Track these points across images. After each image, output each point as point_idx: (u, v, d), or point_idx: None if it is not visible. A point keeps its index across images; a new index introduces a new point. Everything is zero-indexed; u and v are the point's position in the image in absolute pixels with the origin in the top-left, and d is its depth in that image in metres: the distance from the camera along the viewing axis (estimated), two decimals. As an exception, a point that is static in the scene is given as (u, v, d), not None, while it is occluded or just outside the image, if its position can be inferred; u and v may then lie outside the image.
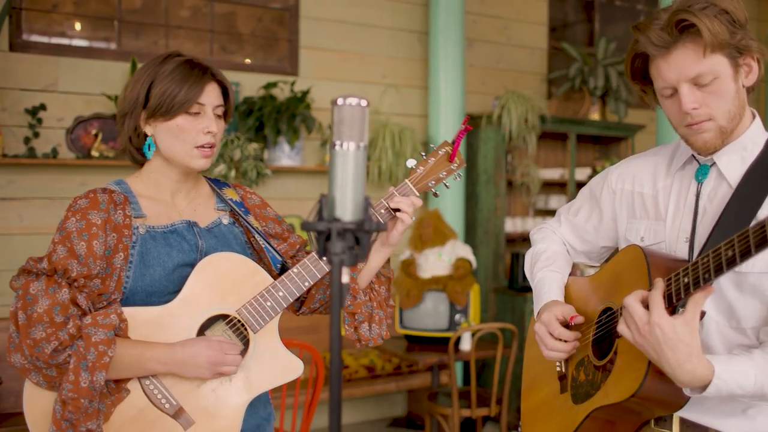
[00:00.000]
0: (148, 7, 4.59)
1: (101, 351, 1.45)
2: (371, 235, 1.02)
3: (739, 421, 1.43)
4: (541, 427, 1.74)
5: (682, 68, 1.38)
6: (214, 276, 1.61)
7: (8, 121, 4.06)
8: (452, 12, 5.05)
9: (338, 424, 0.97)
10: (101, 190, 1.60)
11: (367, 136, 1.05)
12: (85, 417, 1.45)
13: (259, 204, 1.82)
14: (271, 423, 1.78)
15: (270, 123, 4.47)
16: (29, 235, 4.09)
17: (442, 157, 1.71)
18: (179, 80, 1.58)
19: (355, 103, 1.03)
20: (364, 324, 1.72)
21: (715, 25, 1.33)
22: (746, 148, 1.45)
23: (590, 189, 1.79)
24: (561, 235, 1.84)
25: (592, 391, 1.52)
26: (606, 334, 1.55)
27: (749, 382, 1.28)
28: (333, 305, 0.98)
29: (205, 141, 1.61)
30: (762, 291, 1.37)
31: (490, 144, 5.15)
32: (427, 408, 3.94)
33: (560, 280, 1.74)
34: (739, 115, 1.43)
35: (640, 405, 1.40)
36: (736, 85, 1.40)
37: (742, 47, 1.37)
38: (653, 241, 1.55)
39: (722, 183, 1.46)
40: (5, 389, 3.84)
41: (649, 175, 1.62)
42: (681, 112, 1.42)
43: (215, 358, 1.53)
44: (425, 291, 4.17)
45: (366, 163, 1.06)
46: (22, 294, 1.48)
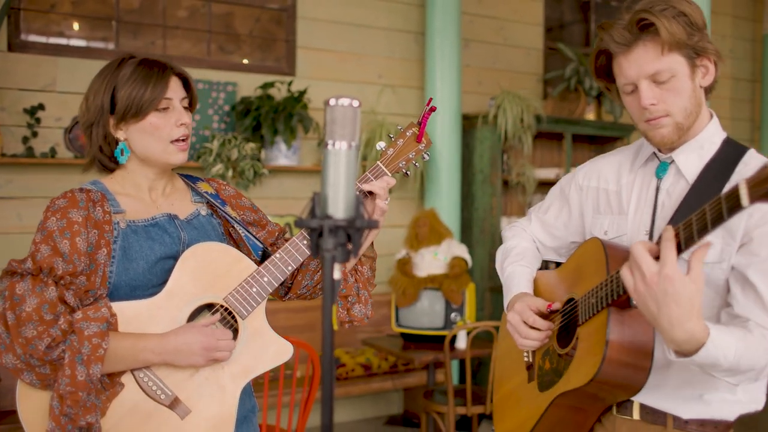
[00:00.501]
0: (146, 8, 4.62)
1: (95, 344, 1.47)
2: (363, 232, 1.05)
3: (696, 406, 1.50)
4: (510, 415, 1.79)
5: (642, 65, 1.46)
6: (199, 266, 1.63)
7: (7, 120, 4.09)
8: (448, 12, 5.08)
9: (330, 416, 1.00)
10: (78, 189, 1.62)
11: (359, 135, 1.08)
12: (84, 411, 1.46)
13: (233, 194, 1.85)
14: (256, 415, 1.81)
15: (267, 123, 4.50)
16: (28, 234, 4.11)
17: (410, 138, 1.75)
18: (142, 80, 1.60)
19: (347, 104, 1.06)
20: (356, 305, 1.76)
21: (673, 26, 1.41)
22: (703, 146, 1.53)
23: (560, 187, 1.85)
24: (531, 232, 1.90)
25: (555, 378, 1.58)
26: (569, 324, 1.60)
27: (730, 354, 1.31)
28: (325, 301, 1.00)
29: (180, 134, 1.64)
30: (715, 281, 1.45)
31: (486, 144, 5.18)
32: (422, 406, 3.97)
33: (529, 273, 1.80)
34: (695, 113, 1.50)
35: (599, 389, 1.46)
36: (692, 84, 1.48)
37: (699, 48, 1.45)
38: (616, 234, 1.63)
39: (680, 179, 1.54)
40: (4, 386, 3.86)
41: (614, 172, 1.70)
42: (640, 108, 1.49)
43: (208, 344, 1.55)
44: (421, 289, 4.19)
45: (358, 162, 1.09)
46: (9, 295, 1.48)
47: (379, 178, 1.69)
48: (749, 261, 1.41)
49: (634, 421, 1.55)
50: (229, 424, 1.61)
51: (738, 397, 1.51)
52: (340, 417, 5.09)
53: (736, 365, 1.33)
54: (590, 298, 1.48)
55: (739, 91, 7.37)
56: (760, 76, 7.22)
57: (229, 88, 4.65)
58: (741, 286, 1.42)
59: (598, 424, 1.63)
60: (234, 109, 4.62)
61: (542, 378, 1.66)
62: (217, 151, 4.36)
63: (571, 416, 1.60)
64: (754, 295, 1.40)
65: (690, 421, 1.51)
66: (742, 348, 1.32)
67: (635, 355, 1.41)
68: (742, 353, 1.32)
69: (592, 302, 1.47)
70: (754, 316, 1.39)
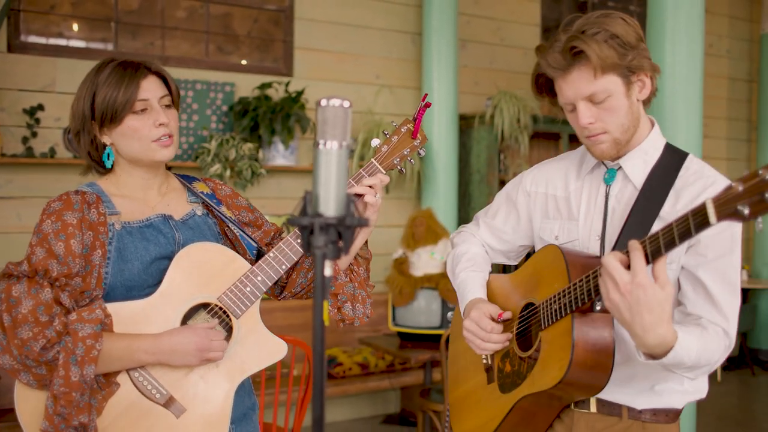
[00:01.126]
0: (145, 9, 4.64)
1: (89, 345, 1.48)
2: (354, 230, 1.08)
3: (648, 397, 1.59)
4: (470, 416, 1.83)
5: (578, 88, 1.53)
6: (193, 266, 1.64)
7: (6, 121, 4.12)
8: (445, 13, 5.12)
9: (321, 410, 1.02)
10: (73, 192, 1.63)
11: (349, 135, 1.10)
12: (77, 411, 1.48)
13: (230, 194, 1.86)
14: (256, 413, 1.83)
15: (265, 123, 4.53)
16: (27, 234, 4.13)
17: (404, 135, 1.75)
18: (115, 83, 1.60)
19: (338, 104, 1.08)
20: (347, 304, 1.76)
21: (604, 50, 1.47)
22: (647, 152, 1.61)
23: (507, 193, 1.90)
24: (480, 237, 1.94)
25: (518, 380, 1.63)
26: (528, 328, 1.66)
27: (693, 353, 1.39)
28: (315, 296, 1.03)
29: (159, 134, 1.64)
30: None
31: (482, 144, 5.21)
32: (419, 404, 4.00)
33: (482, 278, 1.85)
34: (633, 127, 1.58)
35: (564, 391, 1.52)
36: (628, 101, 1.54)
37: (633, 67, 1.51)
38: (567, 239, 1.69)
39: (628, 185, 1.62)
40: (4, 385, 3.89)
41: (561, 178, 1.76)
42: (580, 126, 1.57)
43: (202, 345, 1.56)
44: (418, 289, 4.22)
45: (348, 162, 1.12)
46: (5, 297, 1.49)
47: (373, 175, 1.70)
48: (698, 262, 1.50)
49: (592, 414, 1.63)
50: (224, 423, 1.63)
51: (685, 387, 1.61)
52: (338, 416, 5.11)
53: (697, 362, 1.41)
54: (552, 304, 1.54)
55: (736, 91, 7.40)
56: (757, 76, 7.25)
57: (227, 89, 4.68)
58: (692, 285, 1.52)
59: (557, 420, 1.69)
60: (232, 110, 4.65)
61: (503, 380, 1.70)
62: (215, 151, 4.39)
63: (534, 416, 1.66)
64: (705, 293, 1.49)
65: (643, 411, 1.60)
66: (701, 347, 1.41)
67: (598, 357, 1.47)
68: (701, 351, 1.40)
69: (554, 308, 1.53)
70: (705, 314, 1.49)
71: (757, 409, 5.77)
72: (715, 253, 1.50)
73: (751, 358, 6.87)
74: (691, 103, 3.45)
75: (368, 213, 1.70)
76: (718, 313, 1.48)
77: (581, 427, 1.63)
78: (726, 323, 1.48)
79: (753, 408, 5.77)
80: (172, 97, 1.71)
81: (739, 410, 5.63)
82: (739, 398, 5.99)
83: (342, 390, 4.59)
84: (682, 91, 3.43)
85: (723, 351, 1.48)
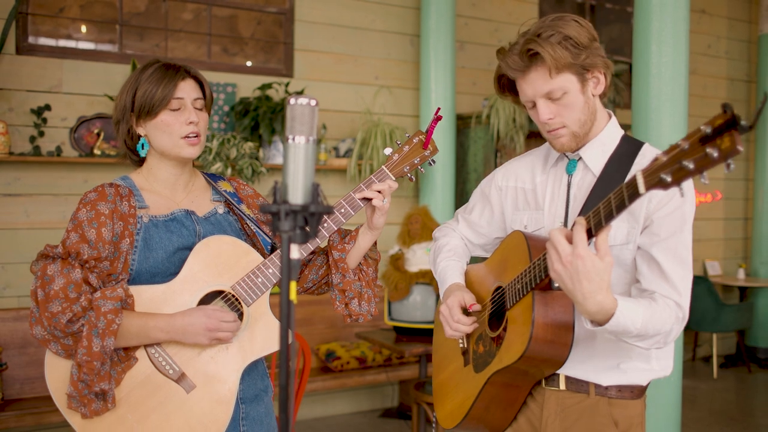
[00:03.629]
0: (151, 11, 4.77)
1: (110, 319, 1.64)
2: (320, 216, 1.19)
3: (614, 374, 1.70)
4: (449, 397, 1.94)
5: (536, 87, 1.66)
6: (210, 256, 1.78)
7: (15, 120, 4.25)
8: (443, 15, 5.22)
9: (287, 378, 1.13)
10: (108, 184, 1.80)
11: (316, 131, 1.22)
12: (98, 378, 1.64)
13: (251, 194, 2.00)
14: (269, 394, 1.96)
15: (265, 123, 4.65)
16: (35, 230, 4.27)
17: (416, 145, 1.90)
18: (156, 81, 1.77)
19: (305, 103, 1.19)
20: (354, 300, 1.90)
21: (557, 51, 1.60)
22: (605, 143, 1.74)
23: (481, 189, 2.03)
24: (459, 231, 2.07)
25: (489, 359, 1.74)
26: (499, 310, 1.77)
27: (638, 321, 1.50)
28: (283, 277, 1.14)
29: (189, 131, 1.79)
30: (623, 260, 1.66)
31: (479, 143, 5.31)
32: (414, 397, 4.09)
33: (461, 267, 1.98)
34: (590, 120, 1.71)
35: (528, 364, 1.63)
36: (584, 97, 1.68)
37: (587, 65, 1.65)
38: (535, 227, 1.81)
39: (588, 173, 1.75)
40: (10, 376, 4.01)
41: (528, 172, 1.89)
42: (540, 122, 1.70)
43: (212, 325, 1.69)
44: (413, 284, 4.31)
45: (315, 155, 1.23)
46: (41, 275, 1.67)
47: (382, 181, 1.84)
48: (652, 241, 1.62)
49: (561, 391, 1.74)
50: (230, 400, 1.75)
51: (651, 365, 1.72)
52: (337, 409, 5.22)
53: (644, 331, 1.52)
54: (516, 284, 1.65)
55: (734, 91, 7.46)
56: (756, 77, 7.30)
57: (228, 89, 4.80)
58: (647, 263, 1.63)
59: (530, 397, 1.80)
60: (233, 110, 4.77)
61: (477, 360, 1.81)
62: (216, 150, 4.50)
63: (505, 392, 1.77)
64: (658, 270, 1.61)
65: (609, 387, 1.71)
66: (648, 315, 1.52)
67: (558, 332, 1.58)
68: (648, 320, 1.52)
69: (518, 288, 1.64)
70: (659, 289, 1.60)
71: (751, 405, 5.83)
72: (667, 232, 1.61)
73: (748, 356, 6.93)
74: (677, 103, 3.54)
75: (376, 216, 1.84)
76: (670, 287, 1.59)
77: (552, 403, 1.74)
78: (678, 296, 1.59)
79: (747, 404, 5.83)
80: (206, 102, 1.86)
81: (733, 406, 5.70)
82: (735, 395, 6.05)
83: (340, 383, 4.70)
84: (667, 90, 3.52)
85: (675, 321, 1.58)
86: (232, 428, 1.81)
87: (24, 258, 4.23)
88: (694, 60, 7.05)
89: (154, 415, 1.70)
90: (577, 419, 1.72)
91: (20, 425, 3.81)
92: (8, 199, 4.24)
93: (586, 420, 1.71)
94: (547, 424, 1.75)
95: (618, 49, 6.54)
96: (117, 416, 1.69)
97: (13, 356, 4.03)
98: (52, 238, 4.15)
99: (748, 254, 7.51)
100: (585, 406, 1.72)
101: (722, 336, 7.32)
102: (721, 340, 7.32)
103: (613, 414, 1.70)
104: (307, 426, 4.92)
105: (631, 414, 1.72)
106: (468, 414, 1.80)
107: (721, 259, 7.42)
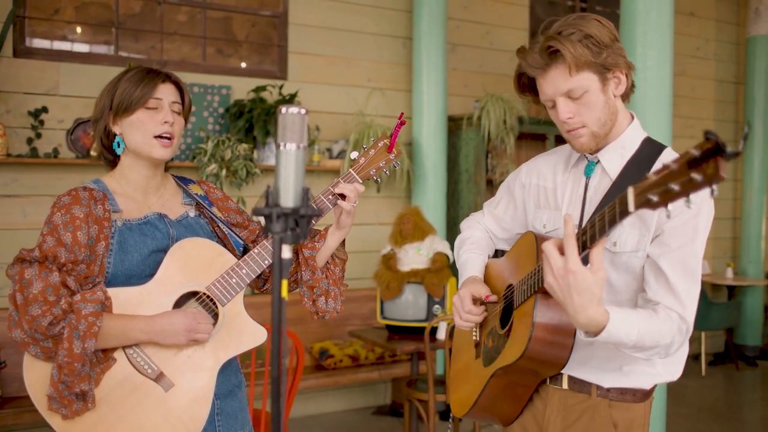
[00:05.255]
0: (146, 13, 4.83)
1: (91, 321, 1.68)
2: (309, 219, 1.26)
3: (616, 376, 1.71)
4: (460, 387, 2.00)
5: (556, 85, 1.64)
6: (185, 258, 1.83)
7: (12, 122, 4.30)
8: (435, 18, 5.29)
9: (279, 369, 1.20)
10: (82, 188, 1.83)
11: (306, 138, 1.29)
12: (79, 379, 1.67)
13: (221, 197, 2.06)
14: (242, 389, 2.01)
15: (259, 124, 4.71)
16: (32, 230, 4.33)
17: (381, 149, 1.96)
18: (136, 81, 1.82)
19: (295, 112, 1.26)
20: (321, 298, 1.97)
21: (578, 49, 1.58)
22: (625, 146, 1.71)
23: (507, 184, 2.05)
24: (485, 224, 2.10)
25: (495, 355, 1.78)
26: (509, 307, 1.79)
27: (633, 334, 1.50)
28: (274, 276, 1.20)
29: (162, 130, 1.83)
30: (632, 267, 1.65)
31: (471, 144, 5.38)
32: (405, 394, 4.16)
33: (482, 261, 2.01)
34: (611, 121, 1.68)
35: (529, 364, 1.65)
36: (605, 97, 1.65)
37: (608, 64, 1.62)
38: (553, 227, 1.82)
39: (605, 177, 1.72)
40: (8, 374, 4.06)
41: (550, 170, 1.88)
42: (560, 121, 1.68)
43: (190, 326, 1.75)
44: (405, 283, 4.38)
45: (305, 160, 1.30)
46: (18, 279, 1.70)
47: (350, 183, 1.90)
48: (662, 251, 1.60)
49: (564, 390, 1.77)
50: (207, 398, 1.81)
51: (657, 369, 1.72)
52: (330, 407, 5.29)
53: (641, 343, 1.52)
54: (523, 285, 1.67)
55: (723, 93, 7.56)
56: (744, 78, 7.40)
57: (223, 92, 4.86)
58: (654, 274, 1.61)
59: (536, 394, 1.84)
60: (228, 112, 4.83)
61: (486, 354, 1.85)
62: (211, 152, 4.57)
63: (510, 388, 1.81)
64: (665, 282, 1.59)
65: (611, 389, 1.72)
66: (645, 327, 1.52)
67: (558, 335, 1.60)
68: (645, 332, 1.52)
69: (524, 288, 1.66)
70: (663, 300, 1.59)
71: (738, 401, 5.92)
72: (678, 242, 1.59)
73: (736, 354, 7.02)
74: (661, 105, 3.62)
75: (343, 217, 1.91)
76: (675, 299, 1.57)
77: (555, 401, 1.78)
78: (682, 309, 1.57)
79: (735, 401, 5.92)
80: (183, 108, 1.91)
81: (721, 403, 5.78)
82: (723, 391, 6.14)
83: (333, 381, 4.77)
84: (652, 93, 3.60)
85: (678, 334, 1.57)
86: (208, 423, 1.85)
87: (21, 258, 4.28)
88: (684, 62, 7.14)
89: (134, 413, 1.74)
90: (577, 419, 1.74)
91: (18, 422, 3.88)
92: (6, 199, 4.30)
93: (586, 420, 1.73)
94: (549, 422, 1.78)
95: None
96: (97, 416, 1.72)
97: (11, 355, 4.09)
98: (49, 238, 4.20)
99: (737, 254, 7.61)
100: (586, 407, 1.73)
101: (711, 334, 7.41)
102: (710, 338, 7.41)
103: (612, 416, 1.71)
104: (300, 424, 4.98)
105: (632, 417, 1.72)
106: (475, 404, 1.84)
107: (710, 258, 7.51)
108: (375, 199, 5.46)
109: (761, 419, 5.46)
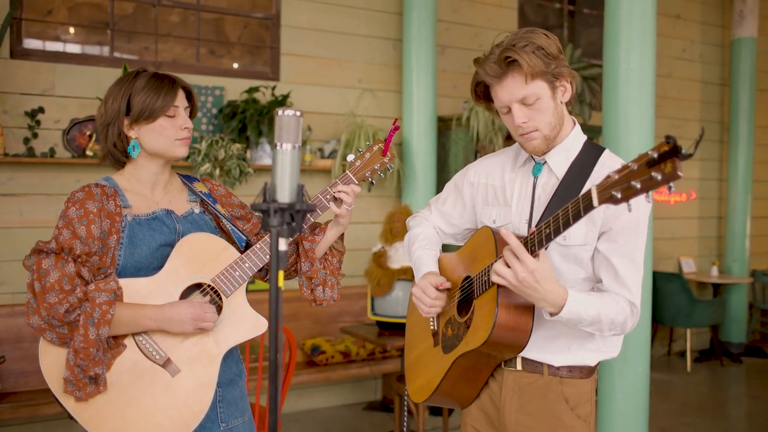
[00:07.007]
0: (139, 14, 4.90)
1: (104, 310, 1.79)
2: (304, 214, 1.36)
3: (564, 355, 1.89)
4: (419, 375, 2.11)
5: (512, 92, 1.79)
6: (191, 252, 1.94)
7: (9, 122, 4.37)
8: (425, 20, 5.38)
9: (276, 352, 1.29)
10: (94, 185, 1.94)
11: (301, 138, 1.38)
12: (93, 363, 1.79)
13: (224, 194, 2.18)
14: (243, 378, 2.12)
15: (252, 125, 4.79)
16: (29, 229, 4.40)
17: (376, 152, 2.09)
18: (155, 91, 1.93)
19: (291, 114, 1.36)
20: (318, 287, 2.09)
21: (532, 59, 1.74)
22: (569, 149, 1.88)
23: (454, 183, 2.18)
24: (432, 221, 2.22)
25: (456, 342, 1.91)
26: (467, 297, 1.93)
27: (591, 309, 1.71)
28: (272, 267, 1.29)
29: (183, 135, 1.98)
30: (580, 259, 1.83)
31: (460, 144, 5.48)
32: (396, 389, 4.24)
33: (434, 256, 2.13)
34: (559, 125, 1.85)
35: (492, 349, 1.80)
36: (554, 103, 1.82)
37: (556, 74, 1.79)
38: (503, 222, 1.97)
39: (552, 177, 1.89)
40: (7, 369, 4.14)
41: (498, 170, 2.03)
42: (515, 125, 1.83)
43: (197, 315, 1.86)
44: (395, 280, 4.45)
45: (300, 159, 1.39)
46: (36, 268, 1.81)
47: (347, 184, 2.03)
48: (611, 247, 1.79)
49: (518, 371, 1.92)
50: (211, 383, 1.91)
51: (599, 347, 1.90)
52: (321, 402, 5.38)
53: (598, 319, 1.73)
54: (483, 276, 1.82)
55: (708, 94, 7.68)
56: (729, 80, 7.53)
57: (216, 92, 4.94)
58: (606, 268, 1.81)
59: (491, 378, 1.98)
60: (221, 112, 4.91)
61: (446, 342, 1.98)
62: (205, 152, 4.65)
63: (470, 372, 1.95)
64: (615, 274, 1.80)
65: (561, 367, 1.89)
66: (600, 305, 1.73)
67: (519, 321, 1.76)
68: (600, 309, 1.72)
69: (485, 279, 1.80)
70: (615, 290, 1.80)
71: (723, 397, 6.04)
72: (624, 239, 1.78)
73: (721, 351, 7.15)
74: (644, 107, 3.72)
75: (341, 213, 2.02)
76: (625, 289, 1.79)
77: (510, 383, 1.92)
78: (631, 295, 1.79)
79: (719, 396, 6.04)
80: (192, 109, 2.05)
81: (705, 398, 5.90)
82: (707, 387, 6.26)
83: (325, 377, 4.85)
84: (635, 96, 3.70)
85: (629, 315, 1.78)
86: (210, 410, 1.95)
87: (18, 256, 4.34)
88: (670, 63, 7.26)
89: (142, 396, 1.84)
90: (532, 397, 1.89)
91: (16, 417, 3.95)
92: (3, 198, 4.36)
93: (540, 397, 1.88)
94: (505, 402, 1.92)
95: (597, 53, 6.71)
96: (108, 399, 1.83)
97: (8, 351, 4.16)
98: (45, 236, 4.25)
99: (722, 252, 7.74)
100: (539, 385, 1.88)
101: (696, 331, 7.54)
102: (695, 335, 7.54)
103: (564, 392, 1.87)
104: (293, 419, 5.07)
105: (580, 392, 1.89)
106: (436, 390, 1.97)
107: (696, 256, 7.64)
108: (366, 199, 5.55)
109: (745, 414, 5.58)
